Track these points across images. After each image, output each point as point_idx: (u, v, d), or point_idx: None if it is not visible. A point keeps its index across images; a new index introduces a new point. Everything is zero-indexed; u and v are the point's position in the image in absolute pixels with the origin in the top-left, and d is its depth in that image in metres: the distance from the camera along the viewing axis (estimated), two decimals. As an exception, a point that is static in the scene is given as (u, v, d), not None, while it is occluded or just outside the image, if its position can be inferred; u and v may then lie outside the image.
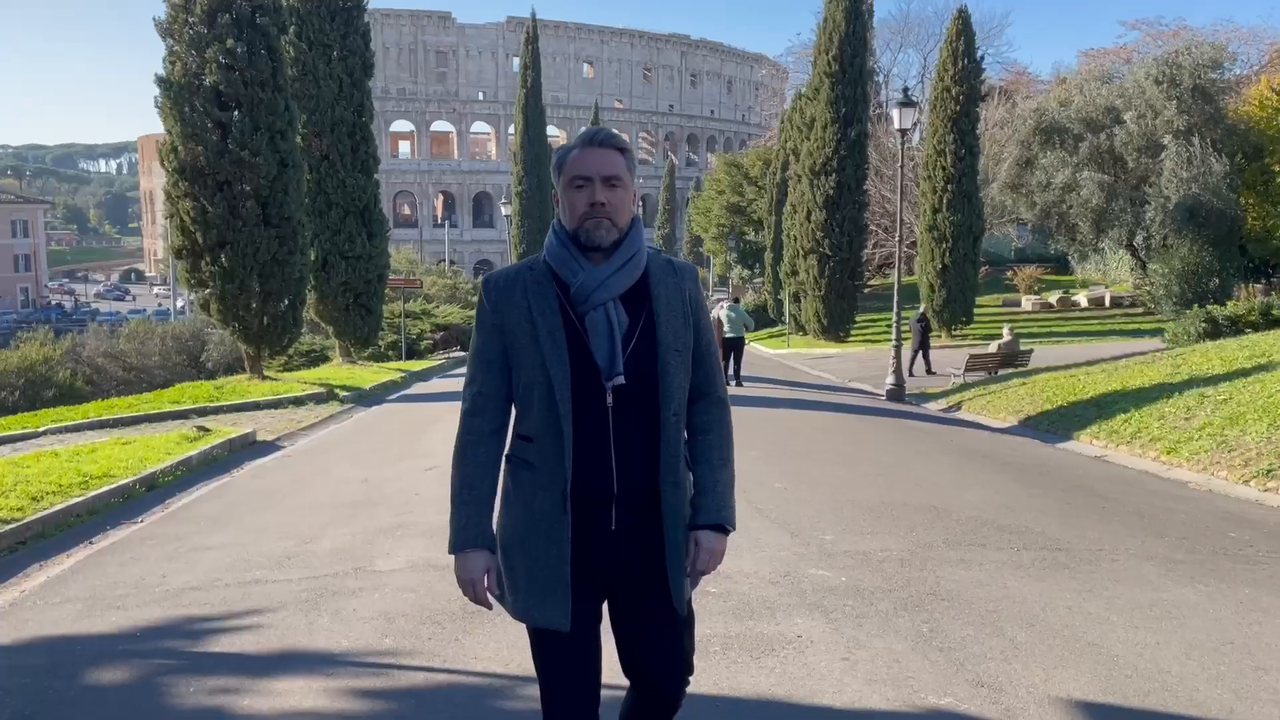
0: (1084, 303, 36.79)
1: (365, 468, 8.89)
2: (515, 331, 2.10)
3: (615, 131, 2.18)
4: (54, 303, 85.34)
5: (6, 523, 6.50)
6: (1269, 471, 8.46)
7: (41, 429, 12.05)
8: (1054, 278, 42.97)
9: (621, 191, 2.10)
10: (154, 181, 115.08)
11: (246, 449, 10.58)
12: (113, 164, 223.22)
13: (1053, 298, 37.43)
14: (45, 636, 4.47)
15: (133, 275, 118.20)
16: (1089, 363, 16.79)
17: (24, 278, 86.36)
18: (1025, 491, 7.63)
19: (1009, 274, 42.97)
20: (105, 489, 7.72)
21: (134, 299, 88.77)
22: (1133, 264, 34.52)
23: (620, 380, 2.05)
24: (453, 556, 2.14)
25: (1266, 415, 9.70)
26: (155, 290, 65.39)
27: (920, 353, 21.73)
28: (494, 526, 2.18)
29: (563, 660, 2.12)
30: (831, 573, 4.99)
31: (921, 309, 24.13)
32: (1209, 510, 7.23)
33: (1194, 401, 11.04)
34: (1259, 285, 29.52)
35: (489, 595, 2.13)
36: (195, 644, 4.25)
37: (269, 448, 10.78)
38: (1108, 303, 36.11)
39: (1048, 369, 17.33)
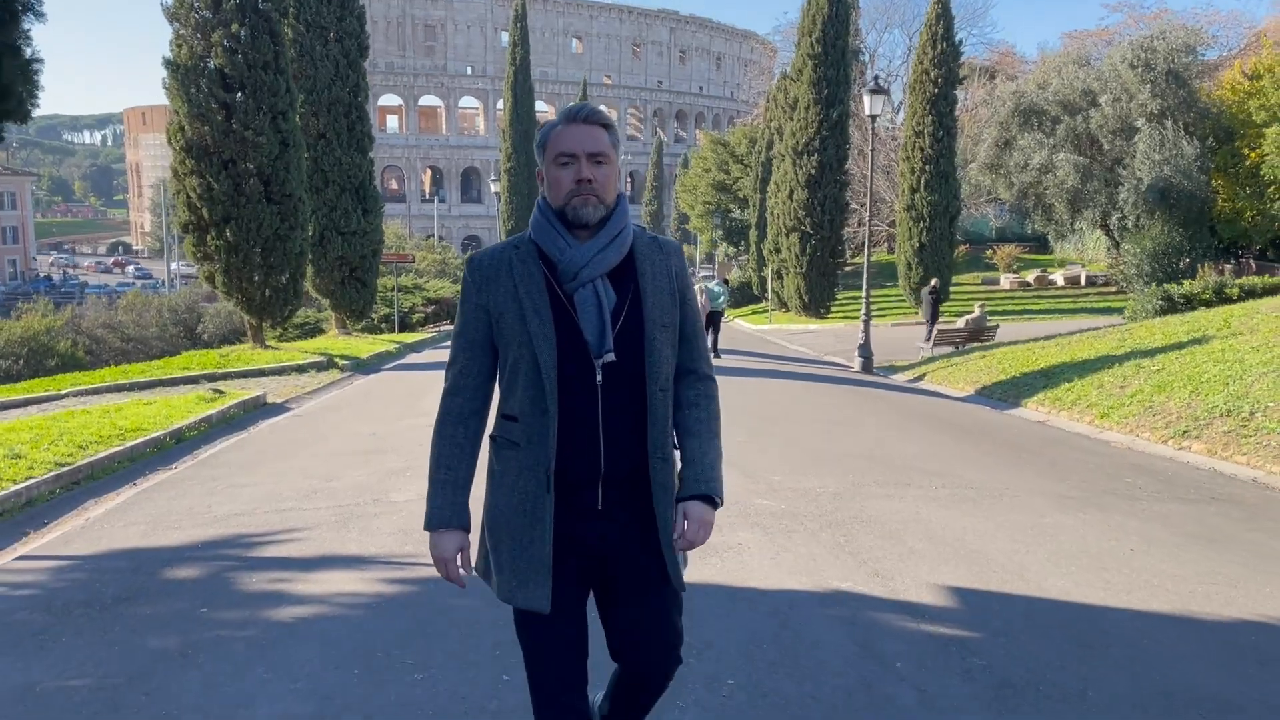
0: (1060, 281, 37.80)
1: (372, 424, 9.83)
2: (502, 311, 2.09)
3: (598, 107, 2.17)
4: (41, 275, 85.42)
5: (62, 465, 7.41)
6: (1184, 432, 9.47)
7: (64, 391, 12.92)
8: (1033, 257, 43.94)
9: (607, 168, 2.09)
10: (140, 154, 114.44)
11: (259, 409, 11.49)
12: (97, 136, 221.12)
13: (1030, 276, 38.42)
14: (121, 548, 5.40)
15: (120, 248, 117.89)
16: (1047, 337, 17.82)
17: (12, 249, 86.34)
18: (959, 446, 8.63)
19: (989, 253, 43.93)
20: (140, 440, 8.63)
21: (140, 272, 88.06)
22: (1108, 244, 35.46)
23: (611, 357, 2.04)
24: (428, 534, 2.15)
25: (1190, 384, 10.72)
26: (174, 266, 65.67)
27: (931, 322, 22.41)
28: (477, 504, 2.18)
29: (547, 640, 2.11)
30: (774, 502, 5.97)
31: (933, 282, 25.04)
32: (1119, 463, 8.24)
33: (1131, 372, 12.05)
34: (1229, 265, 30.50)
35: (460, 574, 2.15)
36: (249, 551, 5.20)
37: (279, 409, 11.69)
38: (1083, 281, 37.08)
39: (1010, 343, 18.34)
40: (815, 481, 6.66)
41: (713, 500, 2.14)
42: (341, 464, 7.60)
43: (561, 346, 2.05)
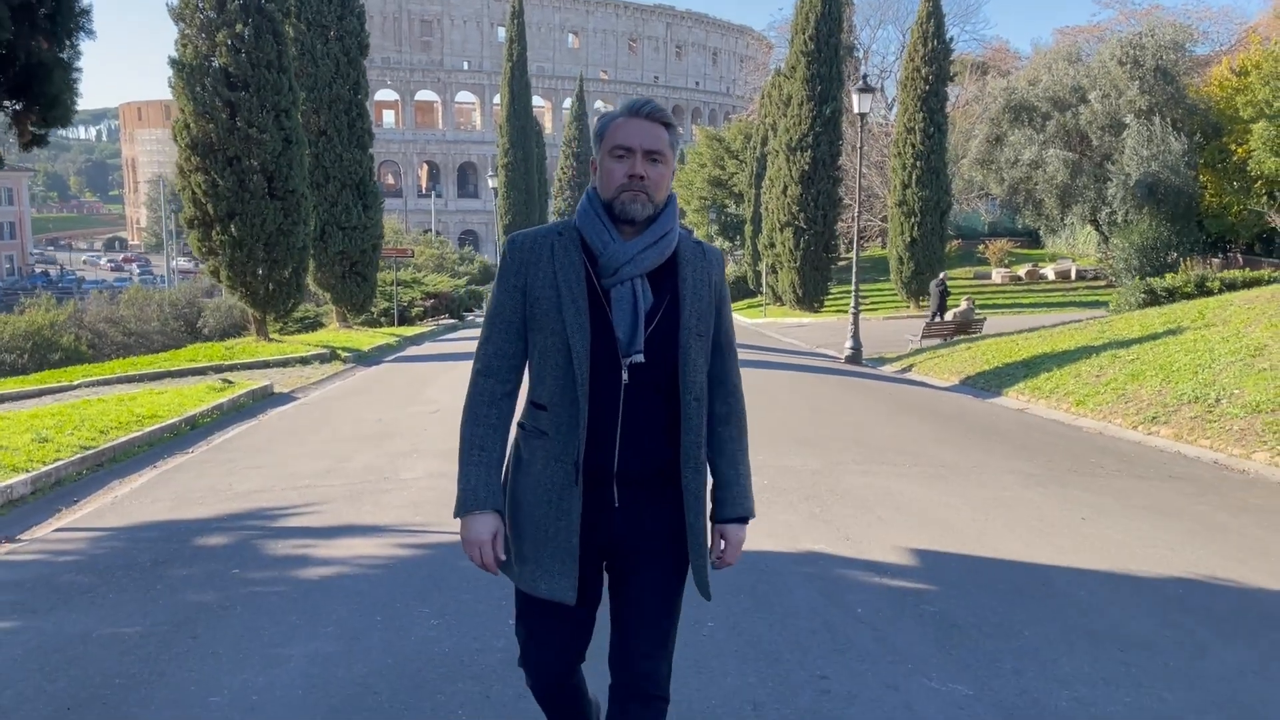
0: (1051, 275, 38.28)
1: (377, 411, 10.27)
2: (538, 295, 2.07)
3: (661, 105, 2.14)
4: (39, 270, 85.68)
5: (86, 449, 7.83)
6: (1154, 418, 9.93)
7: (75, 382, 13.32)
8: (1025, 251, 44.43)
9: (662, 167, 2.07)
10: (136, 149, 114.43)
11: (267, 398, 11.91)
12: (92, 130, 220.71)
13: (1021, 271, 38.90)
14: (151, 521, 5.83)
15: (116, 244, 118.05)
16: (1031, 329, 18.29)
17: (9, 245, 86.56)
18: (937, 430, 9.08)
19: (981, 247, 44.41)
20: (157, 426, 9.05)
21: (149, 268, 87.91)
22: (1098, 239, 35.92)
23: (639, 357, 2.03)
24: (459, 519, 2.10)
25: (1161, 372, 11.18)
26: (175, 263, 65.86)
27: (938, 313, 22.89)
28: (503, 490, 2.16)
29: (556, 629, 2.13)
30: (758, 479, 6.36)
31: (941, 275, 25.56)
32: (1088, 445, 8.69)
33: (1107, 361, 12.51)
34: (1217, 259, 30.96)
35: (496, 564, 2.11)
36: (271, 522, 5.63)
37: (286, 398, 12.11)
38: (1074, 276, 37.56)
39: (996, 335, 18.80)
40: (797, 460, 7.11)
41: (747, 519, 2.23)
42: (351, 447, 8.03)
43: (593, 340, 2.04)
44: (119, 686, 3.41)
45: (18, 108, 5.51)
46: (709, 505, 2.18)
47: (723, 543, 2.19)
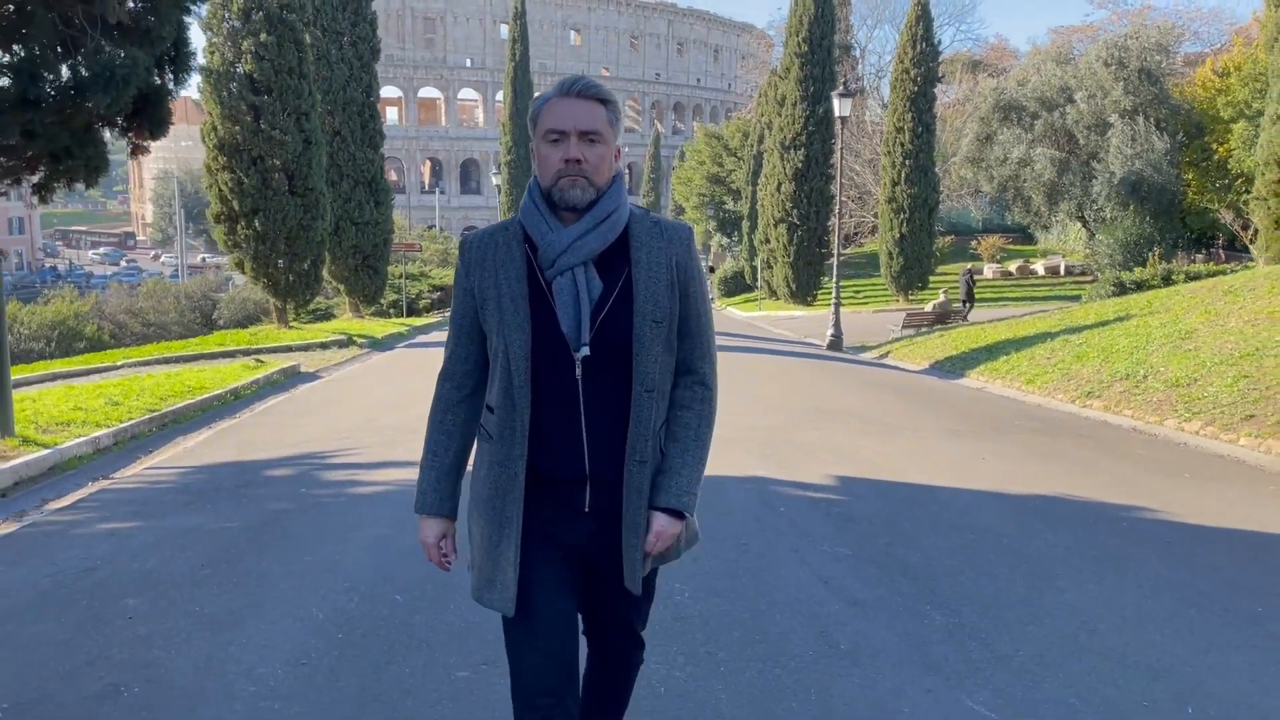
0: (1041, 271, 39.38)
1: (397, 386, 11.56)
2: (485, 296, 2.00)
3: (597, 80, 2.00)
4: (48, 265, 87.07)
5: (152, 411, 9.11)
6: (1089, 393, 11.17)
7: (118, 363, 14.63)
8: (1018, 248, 45.51)
9: (601, 147, 1.94)
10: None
11: (297, 376, 13.21)
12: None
13: (1013, 266, 40.02)
14: (223, 461, 7.11)
15: (126, 239, 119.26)
16: (999, 319, 19.53)
17: (19, 240, 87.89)
18: (891, 401, 10.34)
19: (974, 243, 45.55)
20: (206, 396, 10.33)
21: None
22: (1085, 235, 37.07)
23: (585, 351, 1.92)
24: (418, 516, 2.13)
25: (1102, 354, 12.42)
26: (201, 258, 67.09)
27: (967, 300, 24.12)
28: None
29: (525, 640, 2.00)
30: (721, 432, 7.65)
31: (969, 266, 26.87)
32: (1022, 414, 9.93)
33: (1059, 345, 13.75)
34: (1200, 255, 32.08)
35: (445, 562, 2.11)
36: (324, 460, 6.91)
37: (313, 376, 13.41)
38: (1063, 271, 38.62)
39: (969, 324, 20.04)
40: (762, 420, 8.38)
41: (682, 515, 2.02)
42: (379, 411, 9.32)
43: (540, 337, 1.94)
44: (235, 554, 4.69)
45: (124, 125, 6.81)
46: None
47: (648, 529, 2.00)
